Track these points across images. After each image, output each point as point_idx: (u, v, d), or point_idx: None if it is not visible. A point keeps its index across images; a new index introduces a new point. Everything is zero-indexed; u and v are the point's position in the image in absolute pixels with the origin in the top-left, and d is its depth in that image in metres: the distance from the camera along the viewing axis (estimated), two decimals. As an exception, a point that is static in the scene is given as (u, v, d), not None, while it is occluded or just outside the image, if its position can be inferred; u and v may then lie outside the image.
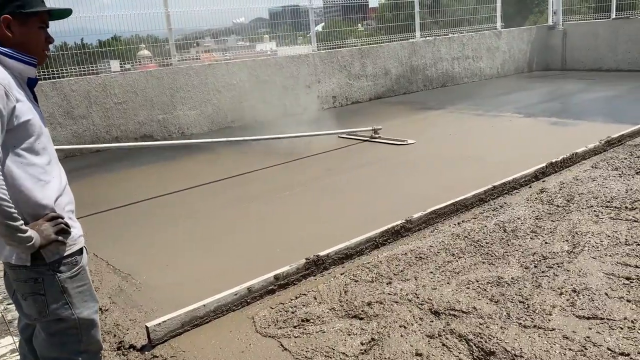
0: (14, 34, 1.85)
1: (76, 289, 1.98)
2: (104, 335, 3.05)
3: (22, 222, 1.75)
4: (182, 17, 9.69)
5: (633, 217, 4.09)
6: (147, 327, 2.92)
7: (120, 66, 10.39)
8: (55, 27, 2.04)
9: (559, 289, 3.12)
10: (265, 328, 3.00)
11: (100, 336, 2.12)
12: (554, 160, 5.45)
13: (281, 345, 2.83)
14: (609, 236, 3.79)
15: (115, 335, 3.06)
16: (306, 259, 3.57)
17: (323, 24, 14.64)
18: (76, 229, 2.01)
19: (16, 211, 1.73)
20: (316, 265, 3.61)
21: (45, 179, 1.88)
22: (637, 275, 3.19)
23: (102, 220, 5.10)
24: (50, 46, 2.06)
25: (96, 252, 4.24)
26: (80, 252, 2.02)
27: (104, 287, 3.68)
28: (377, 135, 7.58)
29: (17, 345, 2.41)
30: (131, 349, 2.92)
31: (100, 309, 3.33)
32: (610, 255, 3.49)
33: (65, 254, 1.94)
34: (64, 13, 2.03)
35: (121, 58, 10.26)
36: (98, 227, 4.92)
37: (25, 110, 1.83)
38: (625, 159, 5.65)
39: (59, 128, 8.07)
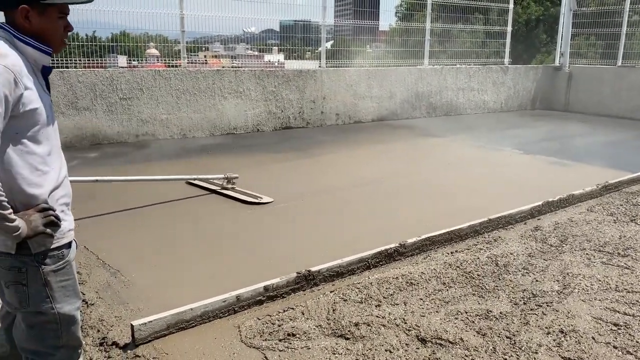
0: (32, 23, 1.84)
1: (59, 283, 1.95)
2: (87, 329, 3.03)
3: (11, 211, 1.73)
4: (194, 21, 9.75)
5: (625, 264, 4.11)
6: (132, 326, 2.89)
7: (127, 62, 10.43)
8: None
9: (546, 328, 3.13)
10: (250, 338, 2.98)
11: (80, 333, 2.09)
12: (550, 200, 5.48)
13: (265, 357, 2.80)
14: (599, 280, 3.81)
15: (99, 331, 3.03)
16: (297, 273, 3.57)
17: (332, 41, 14.77)
18: (67, 222, 1.98)
19: (6, 199, 1.71)
20: (306, 280, 3.60)
21: (43, 169, 1.86)
22: (625, 323, 3.20)
23: (96, 214, 5.07)
24: None
25: (87, 245, 4.22)
26: (68, 245, 1.98)
27: (92, 281, 3.65)
28: (230, 186, 5.95)
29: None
30: (114, 346, 2.88)
31: (86, 303, 3.31)
32: (599, 300, 3.50)
33: (52, 247, 1.91)
34: (83, 2, 2.01)
35: (129, 54, 10.31)
36: (92, 220, 4.89)
37: (33, 99, 1.81)
38: (621, 205, 5.69)
39: (62, 117, 8.06)
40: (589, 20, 14.57)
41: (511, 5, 14.20)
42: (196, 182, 6.19)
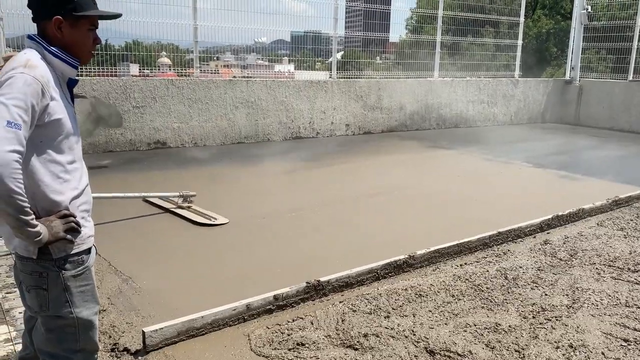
0: (63, 34, 1.91)
1: (78, 288, 1.99)
2: (99, 335, 3.05)
3: (33, 216, 1.76)
4: (206, 31, 9.84)
5: (635, 279, 4.10)
6: (143, 332, 2.92)
7: (139, 71, 10.55)
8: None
9: (555, 342, 3.13)
10: (260, 347, 3.00)
11: (97, 338, 2.12)
12: (560, 213, 5.48)
13: (274, 366, 2.83)
14: (609, 295, 3.80)
15: (110, 337, 3.07)
16: (307, 282, 3.59)
17: (342, 52, 14.86)
18: (87, 229, 2.02)
19: (29, 205, 1.74)
20: (316, 290, 3.62)
21: (65, 177, 1.92)
22: (635, 338, 3.19)
23: (108, 220, 5.13)
24: None
25: (99, 252, 4.26)
26: (87, 251, 2.03)
27: (104, 287, 3.69)
28: (186, 205, 5.54)
29: (21, 335, 2.42)
30: (125, 352, 2.92)
31: (98, 309, 3.35)
32: (609, 315, 3.50)
33: (73, 252, 1.95)
34: (113, 16, 2.09)
35: (141, 63, 10.43)
36: (104, 226, 4.95)
37: (58, 109, 1.87)
38: (632, 220, 5.67)
39: (75, 125, 8.15)
40: (600, 34, 14.56)
41: (522, 19, 14.24)
42: (153, 199, 5.77)
